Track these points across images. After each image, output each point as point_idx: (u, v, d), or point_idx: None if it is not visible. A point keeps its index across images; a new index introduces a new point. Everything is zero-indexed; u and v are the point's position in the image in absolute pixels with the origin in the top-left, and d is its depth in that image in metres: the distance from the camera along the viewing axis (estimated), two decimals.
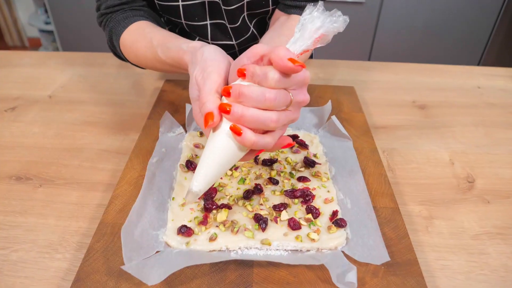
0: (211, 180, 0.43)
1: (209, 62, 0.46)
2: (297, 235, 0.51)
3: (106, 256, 0.49)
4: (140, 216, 0.52)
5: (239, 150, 0.43)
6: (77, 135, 0.76)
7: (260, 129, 0.41)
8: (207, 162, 0.42)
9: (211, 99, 0.42)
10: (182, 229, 0.51)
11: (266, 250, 0.50)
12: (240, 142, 0.41)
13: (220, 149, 0.42)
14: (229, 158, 0.42)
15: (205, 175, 0.43)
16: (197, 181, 0.43)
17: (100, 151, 0.72)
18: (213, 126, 0.42)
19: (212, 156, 0.42)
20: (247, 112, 0.39)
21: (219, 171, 0.43)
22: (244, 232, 0.51)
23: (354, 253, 0.50)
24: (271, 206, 0.55)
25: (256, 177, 0.61)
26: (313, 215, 0.55)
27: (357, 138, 0.73)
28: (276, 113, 0.40)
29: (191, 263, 0.48)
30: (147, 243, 0.49)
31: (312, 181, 0.61)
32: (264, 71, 0.39)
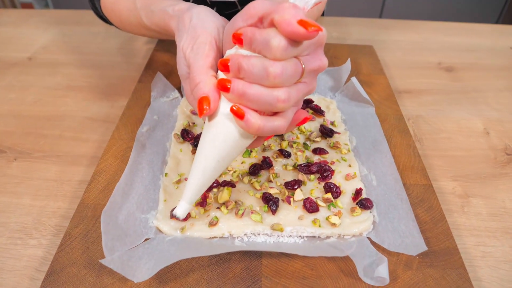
0: (208, 183, 0.37)
1: (199, 30, 0.39)
2: (315, 219, 0.45)
3: (85, 244, 0.43)
4: (126, 196, 0.46)
5: (242, 137, 0.35)
6: (59, 102, 0.70)
7: (267, 110, 0.34)
8: (202, 164, 0.36)
9: (204, 79, 0.35)
10: None
11: (277, 237, 0.44)
12: (243, 127, 0.34)
13: (219, 139, 0.35)
14: (231, 149, 0.36)
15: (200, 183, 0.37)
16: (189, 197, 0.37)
17: (84, 120, 0.65)
18: (211, 113, 0.34)
19: (207, 151, 0.35)
20: (249, 90, 0.32)
21: (218, 168, 0.37)
22: (251, 215, 0.45)
23: (382, 241, 0.44)
24: (283, 184, 0.49)
25: (264, 148, 0.55)
26: (333, 194, 0.48)
27: (379, 104, 0.66)
28: (285, 90, 0.33)
29: (188, 255, 0.40)
30: (134, 230, 0.43)
31: (330, 153, 0.55)
32: (266, 37, 0.31)
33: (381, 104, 0.66)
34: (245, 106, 0.33)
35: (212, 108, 0.34)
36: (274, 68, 0.31)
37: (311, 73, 0.35)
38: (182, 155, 0.54)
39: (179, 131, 0.57)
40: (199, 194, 0.38)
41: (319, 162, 0.52)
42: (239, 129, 0.35)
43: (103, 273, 0.41)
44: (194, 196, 0.37)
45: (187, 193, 0.37)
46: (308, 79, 0.35)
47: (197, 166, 0.36)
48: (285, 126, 0.35)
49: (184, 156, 0.53)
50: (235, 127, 0.35)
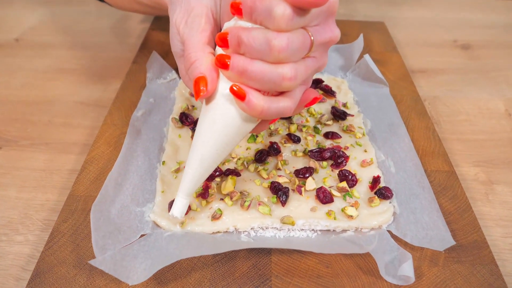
0: (207, 173, 0.35)
1: (193, 1, 0.35)
2: (329, 211, 0.42)
3: (75, 241, 0.40)
4: (119, 188, 0.43)
5: (245, 121, 0.33)
6: (48, 85, 0.67)
7: (271, 89, 0.31)
8: (200, 152, 0.33)
9: (200, 57, 0.32)
10: None
11: (288, 231, 0.41)
12: (245, 110, 0.31)
13: (218, 123, 0.32)
14: (232, 134, 0.33)
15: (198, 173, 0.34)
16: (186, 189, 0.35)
17: (75, 104, 0.63)
18: (208, 95, 0.32)
19: (205, 137, 0.33)
20: (250, 67, 0.29)
21: (218, 155, 0.34)
22: (258, 207, 0.41)
23: (404, 234, 0.40)
24: (292, 172, 0.46)
25: (271, 133, 0.51)
26: (349, 182, 0.45)
27: (394, 84, 0.62)
28: (292, 66, 0.30)
29: (188, 254, 0.36)
30: (128, 225, 0.40)
31: (344, 137, 0.51)
32: (268, 5, 0.28)
33: (395, 84, 0.63)
34: (247, 85, 0.30)
35: (210, 89, 0.31)
36: (278, 41, 0.28)
37: (321, 46, 0.31)
38: (181, 141, 0.50)
39: (177, 115, 0.54)
40: (197, 185, 0.35)
41: (332, 147, 0.49)
42: (241, 111, 0.32)
43: (95, 274, 0.38)
44: (192, 188, 0.35)
45: (184, 185, 0.35)
46: (317, 53, 0.32)
47: (194, 154, 0.34)
48: (291, 108, 0.32)
49: (183, 142, 0.50)
50: (236, 110, 0.32)
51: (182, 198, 0.35)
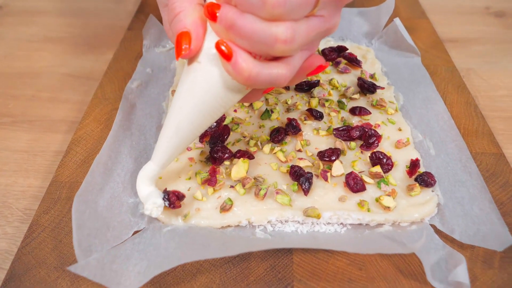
0: (183, 143, 0.33)
1: None
2: (361, 201, 0.37)
3: (57, 237, 0.36)
4: (109, 174, 0.39)
5: (230, 88, 0.30)
6: (34, 56, 0.62)
7: (263, 52, 0.28)
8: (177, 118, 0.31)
9: (186, 8, 0.29)
10: (175, 193, 0.36)
11: (312, 225, 0.37)
12: (230, 73, 0.28)
13: (199, 87, 0.30)
14: (213, 101, 0.30)
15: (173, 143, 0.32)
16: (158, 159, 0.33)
17: (63, 77, 0.58)
18: (192, 54, 0.29)
19: (184, 101, 0.31)
20: (240, 21, 0.26)
21: (197, 124, 0.32)
22: (276, 197, 0.37)
23: (451, 229, 0.36)
24: (315, 154, 0.41)
25: (289, 108, 0.47)
26: (383, 167, 0.40)
27: (425, 53, 0.58)
28: (289, 26, 0.26)
29: (193, 256, 0.31)
30: (119, 219, 0.35)
31: (373, 113, 0.46)
32: None
33: (427, 54, 0.58)
34: (236, 44, 0.27)
35: (194, 47, 0.29)
36: None
37: (330, 3, 0.27)
38: None
39: None
40: (172, 157, 0.33)
41: (361, 125, 0.44)
42: (226, 76, 0.29)
43: (81, 277, 0.33)
44: (166, 158, 0.33)
45: (156, 153, 0.33)
46: (326, 11, 0.28)
47: (170, 120, 0.32)
48: (286, 76, 0.28)
49: None
50: (220, 73, 0.29)
51: (153, 166, 0.33)
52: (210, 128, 0.42)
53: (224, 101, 0.31)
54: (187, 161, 0.41)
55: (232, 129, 0.44)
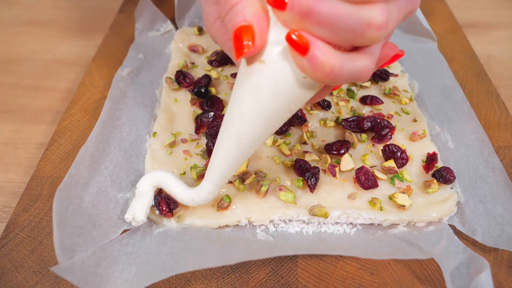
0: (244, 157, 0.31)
1: None
2: (373, 199, 0.36)
3: (37, 237, 0.35)
4: (96, 167, 0.38)
5: (303, 86, 0.27)
6: (17, 41, 0.62)
7: (346, 42, 0.25)
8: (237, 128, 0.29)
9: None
10: (168, 200, 0.36)
11: (319, 225, 0.36)
12: (305, 69, 0.25)
13: (266, 89, 0.27)
14: (283, 105, 0.28)
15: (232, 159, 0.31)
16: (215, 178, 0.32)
17: (49, 63, 0.58)
18: (256, 52, 0.26)
19: (246, 108, 0.28)
20: (320, 7, 0.23)
21: (262, 133, 0.29)
22: (279, 194, 0.36)
23: (473, 230, 0.35)
24: (323, 147, 0.41)
25: None
26: (397, 161, 0.39)
27: (442, 38, 0.57)
28: (383, 8, 0.24)
29: (188, 266, 0.30)
30: (107, 216, 0.35)
31: (386, 103, 0.46)
32: None
33: (444, 39, 0.57)
34: (311, 34, 0.24)
35: (258, 43, 0.26)
36: None
37: None
38: (177, 107, 0.46)
39: (173, 74, 0.49)
40: (231, 173, 0.31)
41: (372, 115, 0.44)
42: (298, 73, 0.26)
43: (63, 282, 0.32)
44: (223, 176, 0.31)
45: (213, 171, 0.31)
46: None
47: (228, 130, 0.29)
48: (371, 69, 0.26)
49: (180, 108, 0.46)
50: (291, 71, 0.26)
51: (208, 189, 0.32)
52: (207, 118, 0.41)
53: (293, 103, 0.28)
54: (182, 154, 0.39)
55: None
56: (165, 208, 0.34)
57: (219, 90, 0.46)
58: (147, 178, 0.34)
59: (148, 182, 0.34)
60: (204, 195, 0.32)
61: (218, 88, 0.47)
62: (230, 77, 0.48)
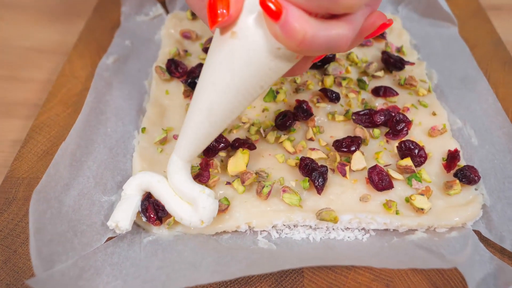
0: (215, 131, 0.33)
1: None
2: (387, 201, 0.37)
3: (11, 246, 0.35)
4: (78, 166, 0.39)
5: (278, 57, 0.29)
6: None
7: (321, 9, 0.27)
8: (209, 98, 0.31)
9: None
10: (157, 206, 0.36)
11: (327, 230, 0.37)
12: (278, 36, 0.27)
13: (239, 59, 0.29)
14: (256, 77, 0.30)
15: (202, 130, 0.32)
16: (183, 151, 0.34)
17: (25, 51, 0.58)
18: (230, 21, 0.28)
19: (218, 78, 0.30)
20: None
21: (235, 107, 0.31)
22: (283, 196, 0.37)
23: (501, 236, 0.35)
24: (331, 144, 0.42)
25: (298, 88, 0.47)
26: (415, 159, 0.40)
27: (463, 23, 0.58)
28: None
29: (180, 283, 0.30)
30: (90, 222, 0.36)
31: (401, 94, 0.47)
32: None
33: (466, 24, 0.57)
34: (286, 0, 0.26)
35: (233, 12, 0.27)
36: None
37: None
38: (169, 100, 0.47)
39: (164, 62, 0.50)
40: (200, 147, 0.33)
41: (386, 108, 0.44)
42: (272, 41, 0.28)
43: None
44: (193, 150, 0.33)
45: (181, 143, 0.33)
46: None
47: (199, 102, 0.31)
48: (348, 38, 0.28)
49: (172, 100, 0.47)
50: (265, 39, 0.28)
51: (177, 160, 0.33)
52: None
53: (268, 76, 0.30)
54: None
55: None
56: (153, 216, 0.34)
57: None
58: (135, 180, 0.35)
59: (136, 185, 0.34)
60: (171, 168, 0.33)
61: None
62: None
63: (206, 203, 0.32)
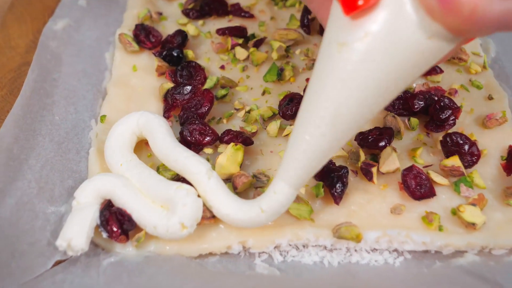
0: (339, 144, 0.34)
1: None
2: (428, 214, 0.38)
3: None
4: (17, 167, 0.41)
5: (430, 44, 0.30)
6: None
7: None
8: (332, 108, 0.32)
9: None
10: (121, 217, 0.37)
11: (348, 253, 0.38)
12: (436, 12, 0.28)
13: (377, 48, 0.31)
14: (403, 69, 0.31)
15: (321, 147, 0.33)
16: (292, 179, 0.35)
17: None
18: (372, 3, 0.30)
19: (345, 75, 0.32)
20: None
21: (368, 112, 0.33)
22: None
23: None
24: (353, 136, 0.42)
25: (310, 61, 0.49)
26: (464, 158, 0.41)
27: None
28: None
29: None
30: (32, 239, 0.37)
31: (447, 71, 0.48)
32: None
33: None
34: None
35: None
36: None
37: None
38: (138, 79, 0.48)
39: (130, 29, 0.51)
40: (317, 168, 0.34)
41: (427, 90, 0.45)
42: (426, 21, 0.29)
43: None
44: (307, 172, 0.33)
45: (292, 164, 0.33)
46: None
47: (318, 105, 0.32)
48: None
49: (142, 80, 0.48)
50: (414, 20, 0.30)
51: (285, 193, 0.34)
52: (181, 94, 0.42)
53: (416, 66, 0.31)
54: (144, 148, 0.41)
55: (218, 96, 0.45)
56: (116, 229, 0.35)
57: (199, 53, 0.48)
58: (91, 184, 0.35)
59: (92, 191, 0.35)
60: (277, 202, 0.34)
61: (198, 51, 0.48)
62: (216, 34, 0.49)
63: (186, 200, 0.33)
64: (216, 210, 0.34)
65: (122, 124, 0.39)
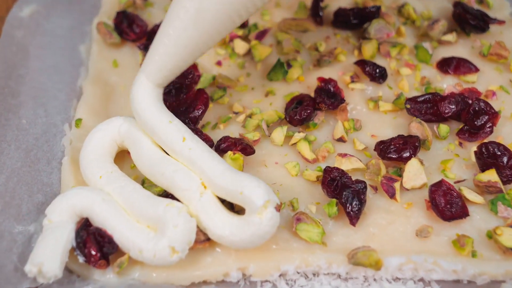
0: (196, 52, 0.38)
1: None
2: (459, 237, 0.38)
3: None
4: None
5: None
6: None
7: None
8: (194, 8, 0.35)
9: None
10: (101, 238, 0.37)
11: (366, 282, 0.38)
12: None
13: None
14: None
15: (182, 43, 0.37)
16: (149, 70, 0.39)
17: None
18: None
19: None
20: None
21: (223, 25, 0.37)
22: (296, 227, 0.39)
23: None
24: (372, 146, 0.44)
25: (321, 58, 0.49)
26: (503, 172, 0.41)
27: None
28: None
29: None
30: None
31: (483, 70, 0.49)
32: None
33: None
34: None
35: None
36: None
37: None
38: (119, 76, 0.48)
39: (110, 17, 0.51)
40: (177, 68, 0.37)
41: (460, 92, 0.46)
42: None
43: None
44: (167, 69, 0.36)
45: (152, 61, 0.37)
46: None
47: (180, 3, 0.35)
48: None
49: (123, 77, 0.48)
50: None
51: (143, 84, 0.37)
52: (169, 94, 0.43)
53: None
54: (126, 158, 0.41)
55: (214, 98, 0.45)
56: (95, 252, 0.35)
57: None
58: (65, 200, 0.36)
59: (67, 208, 0.36)
60: (138, 91, 0.37)
61: None
62: None
63: (178, 220, 0.34)
64: (211, 232, 0.35)
65: (100, 130, 0.39)
